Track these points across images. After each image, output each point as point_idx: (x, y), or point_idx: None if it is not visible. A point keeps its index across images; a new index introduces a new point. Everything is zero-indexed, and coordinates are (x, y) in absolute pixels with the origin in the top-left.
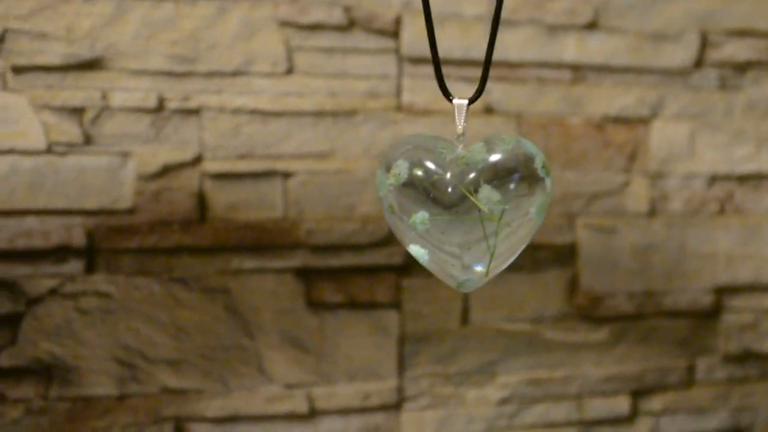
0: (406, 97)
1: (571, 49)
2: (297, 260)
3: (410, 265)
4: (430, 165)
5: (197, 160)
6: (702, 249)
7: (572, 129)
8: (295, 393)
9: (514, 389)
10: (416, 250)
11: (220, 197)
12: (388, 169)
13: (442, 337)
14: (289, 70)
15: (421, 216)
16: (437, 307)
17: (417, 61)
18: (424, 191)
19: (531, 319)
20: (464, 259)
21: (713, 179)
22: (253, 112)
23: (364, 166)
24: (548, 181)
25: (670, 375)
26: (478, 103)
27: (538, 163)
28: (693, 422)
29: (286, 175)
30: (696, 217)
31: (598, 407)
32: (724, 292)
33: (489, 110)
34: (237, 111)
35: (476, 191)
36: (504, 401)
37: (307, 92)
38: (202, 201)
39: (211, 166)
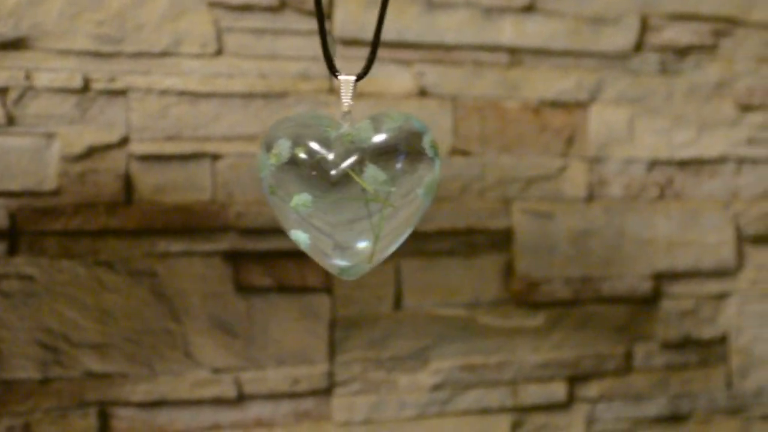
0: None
1: (508, 32)
2: (226, 243)
3: None
4: (314, 144)
5: (124, 141)
6: (641, 234)
7: (509, 113)
8: (223, 377)
9: (448, 375)
10: (297, 235)
11: (147, 179)
12: (269, 148)
13: (374, 322)
14: (219, 51)
15: (303, 198)
16: (369, 292)
17: (350, 42)
18: (306, 172)
19: (466, 305)
20: (348, 243)
21: (653, 164)
22: (182, 93)
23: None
24: (437, 161)
25: (607, 361)
26: (412, 86)
27: (426, 142)
28: (631, 409)
29: (215, 157)
30: (635, 203)
31: (534, 393)
32: (663, 278)
33: (423, 93)
34: (165, 92)
35: (362, 171)
36: (437, 387)
37: (237, 74)
38: (128, 183)
39: (137, 147)
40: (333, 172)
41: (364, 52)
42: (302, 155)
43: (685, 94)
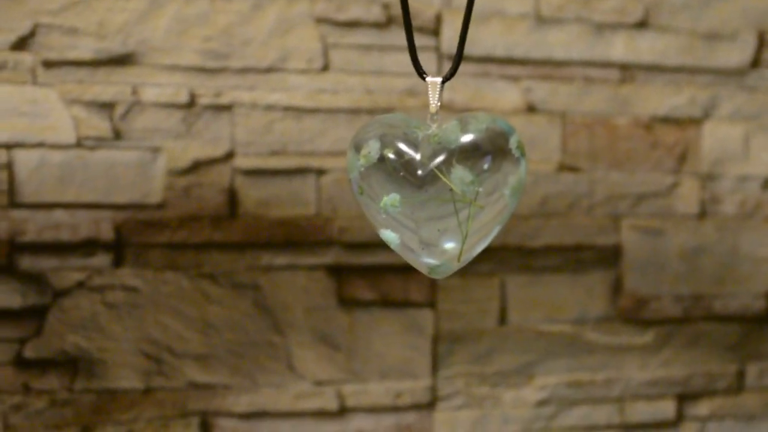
0: (446, 95)
1: (620, 48)
2: (329, 257)
3: None
4: (402, 145)
5: (228, 156)
6: (755, 253)
7: (619, 129)
8: (325, 390)
9: (553, 391)
10: (387, 235)
11: (251, 193)
12: (358, 149)
13: (479, 337)
14: (325, 67)
15: (392, 198)
16: (473, 307)
17: None
18: (395, 172)
19: (572, 321)
20: (436, 242)
21: None
22: (287, 108)
23: None
24: (523, 162)
25: (718, 380)
26: (520, 102)
27: (512, 143)
28: (742, 428)
29: (320, 172)
30: (749, 220)
31: (642, 411)
32: None
33: (532, 109)
34: (270, 107)
35: (449, 172)
36: (542, 403)
37: (343, 89)
38: (232, 197)
39: (242, 162)
40: (420, 172)
41: (473, 69)
42: (391, 155)
43: None
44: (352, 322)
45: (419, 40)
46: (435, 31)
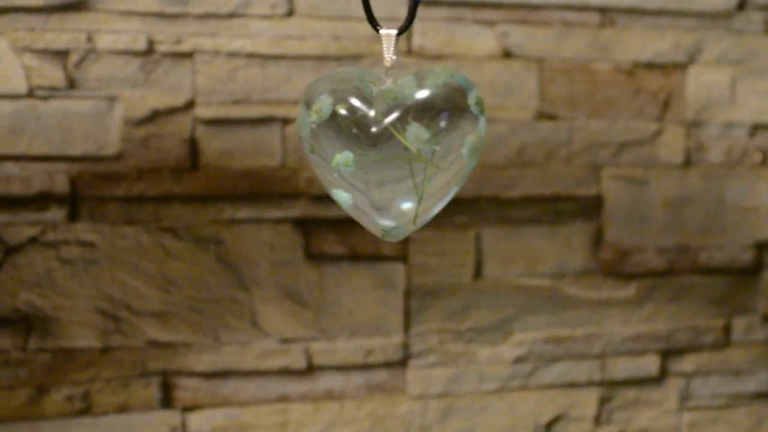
0: (417, 41)
1: None
2: (296, 210)
3: None
4: (355, 101)
5: (189, 105)
6: (742, 202)
7: (599, 75)
8: (292, 348)
9: (531, 347)
10: (339, 195)
11: (214, 144)
12: (309, 105)
13: (453, 292)
14: (290, 12)
15: (344, 156)
16: (447, 260)
17: (428, 2)
18: (347, 129)
19: (551, 275)
20: (391, 204)
21: (756, 128)
22: (251, 55)
23: None
24: (482, 119)
25: (703, 335)
26: (495, 48)
27: (471, 99)
28: (728, 384)
29: (286, 121)
30: (736, 168)
31: (624, 367)
32: (765, 247)
33: (507, 55)
34: (233, 54)
35: (404, 129)
36: (519, 359)
37: (309, 35)
38: (194, 148)
39: (204, 111)
40: (374, 130)
41: (445, 13)
42: (343, 112)
43: None
44: (320, 277)
45: None
46: None
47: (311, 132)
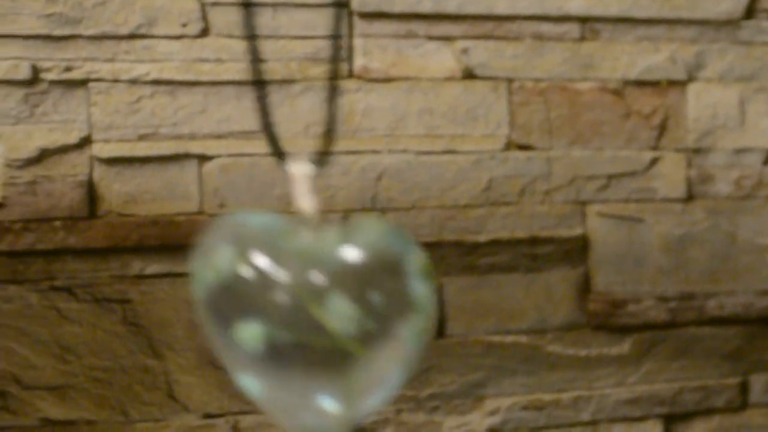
0: (360, 62)
1: None
2: None
3: None
4: (262, 260)
5: (84, 142)
6: (757, 240)
7: (581, 96)
8: (217, 423)
9: (507, 415)
10: (247, 382)
11: (116, 187)
12: (205, 259)
13: None
14: (204, 31)
15: (251, 330)
16: None
17: (372, 16)
18: (254, 295)
19: (529, 331)
20: (311, 400)
21: None
22: (157, 82)
23: (304, 147)
24: (428, 291)
25: (715, 396)
26: (454, 67)
27: (412, 266)
28: None
29: (203, 158)
30: (748, 202)
31: None
32: None
33: (469, 75)
34: (135, 82)
35: (324, 303)
36: (493, 430)
37: (228, 57)
38: (91, 192)
39: (102, 149)
40: (287, 300)
41: (394, 28)
42: (246, 275)
43: None
44: None
45: None
46: None
47: (207, 296)
